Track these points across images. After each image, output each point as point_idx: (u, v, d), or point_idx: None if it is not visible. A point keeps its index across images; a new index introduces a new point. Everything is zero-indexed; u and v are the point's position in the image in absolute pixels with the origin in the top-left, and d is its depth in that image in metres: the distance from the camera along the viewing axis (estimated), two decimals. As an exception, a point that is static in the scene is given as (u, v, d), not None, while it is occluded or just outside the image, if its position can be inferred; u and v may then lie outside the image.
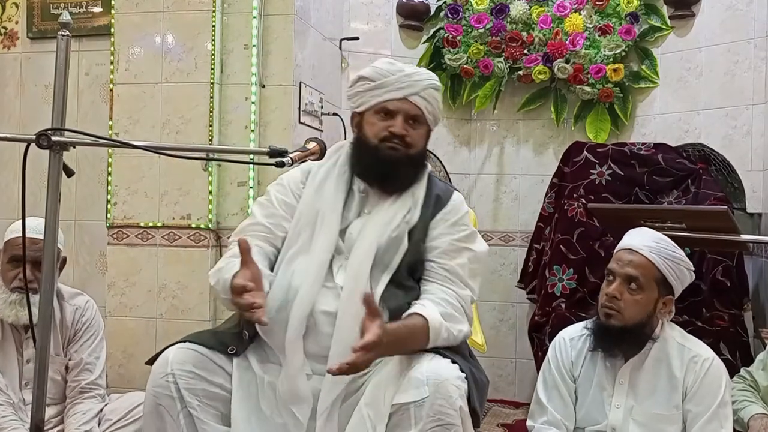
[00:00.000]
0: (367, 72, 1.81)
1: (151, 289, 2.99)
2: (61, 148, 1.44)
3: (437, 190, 1.84)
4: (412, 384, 1.55)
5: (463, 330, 1.70)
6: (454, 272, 1.74)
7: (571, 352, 2.05)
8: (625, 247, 2.00)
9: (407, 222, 1.76)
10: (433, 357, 1.61)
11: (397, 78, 1.76)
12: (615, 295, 1.93)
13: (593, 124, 3.68)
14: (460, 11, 3.73)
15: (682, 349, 1.97)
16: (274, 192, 1.86)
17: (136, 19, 3.02)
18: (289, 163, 1.53)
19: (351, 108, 1.87)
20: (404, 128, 1.76)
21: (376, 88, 1.77)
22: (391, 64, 1.80)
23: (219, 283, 1.69)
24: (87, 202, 3.31)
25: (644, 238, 1.99)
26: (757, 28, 3.25)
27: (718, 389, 1.91)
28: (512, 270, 3.73)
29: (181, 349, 1.67)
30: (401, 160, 1.77)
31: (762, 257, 3.16)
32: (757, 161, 3.21)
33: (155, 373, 1.65)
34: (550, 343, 2.13)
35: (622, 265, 1.95)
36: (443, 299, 1.69)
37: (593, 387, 2.00)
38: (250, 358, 1.71)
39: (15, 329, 2.32)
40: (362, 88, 1.80)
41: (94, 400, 2.34)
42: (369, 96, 1.78)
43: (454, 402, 1.52)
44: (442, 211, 1.80)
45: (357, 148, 1.83)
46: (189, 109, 2.97)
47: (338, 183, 1.80)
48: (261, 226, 1.81)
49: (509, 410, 3.60)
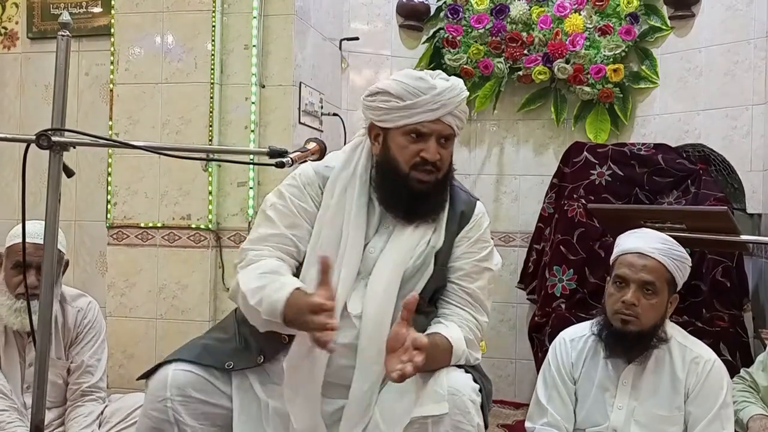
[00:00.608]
0: (393, 88, 1.63)
1: (151, 289, 2.99)
2: (61, 149, 1.44)
3: (460, 204, 1.74)
4: (431, 397, 1.54)
5: (478, 358, 1.70)
6: (475, 296, 1.72)
7: (571, 353, 2.04)
8: (632, 250, 1.96)
9: (433, 246, 1.68)
10: (450, 368, 1.60)
11: (430, 98, 1.61)
12: (633, 302, 1.90)
13: (593, 124, 3.68)
14: (460, 11, 3.73)
15: (683, 349, 1.97)
16: (290, 196, 1.71)
17: (136, 19, 3.02)
18: (289, 164, 1.52)
19: (368, 117, 1.71)
20: (437, 152, 1.64)
21: (406, 108, 1.61)
22: (420, 80, 1.63)
23: (263, 303, 1.54)
24: (87, 203, 3.31)
25: (651, 240, 1.97)
26: (757, 29, 3.25)
27: (720, 391, 1.91)
28: (512, 270, 3.73)
29: (179, 371, 1.61)
30: (431, 190, 1.66)
31: (762, 258, 3.16)
32: (757, 162, 3.21)
33: (153, 395, 1.61)
34: (551, 344, 2.13)
35: (635, 270, 1.92)
36: (465, 324, 1.68)
37: (595, 388, 1.99)
38: (250, 377, 1.66)
39: (18, 334, 2.31)
40: (387, 105, 1.63)
41: (95, 402, 2.35)
42: (397, 115, 1.63)
43: (472, 418, 1.53)
44: (465, 228, 1.73)
45: (382, 171, 1.68)
46: (189, 110, 2.97)
47: (360, 197, 1.68)
48: (285, 238, 1.68)
49: (509, 411, 3.60)
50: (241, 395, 1.64)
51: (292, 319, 1.50)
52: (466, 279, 1.71)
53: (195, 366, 1.62)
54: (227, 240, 3.01)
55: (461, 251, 1.72)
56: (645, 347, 1.95)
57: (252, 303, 1.56)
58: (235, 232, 3.00)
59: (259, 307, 1.54)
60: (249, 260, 1.65)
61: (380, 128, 1.68)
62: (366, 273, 1.65)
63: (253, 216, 2.98)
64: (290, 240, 1.68)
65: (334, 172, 1.71)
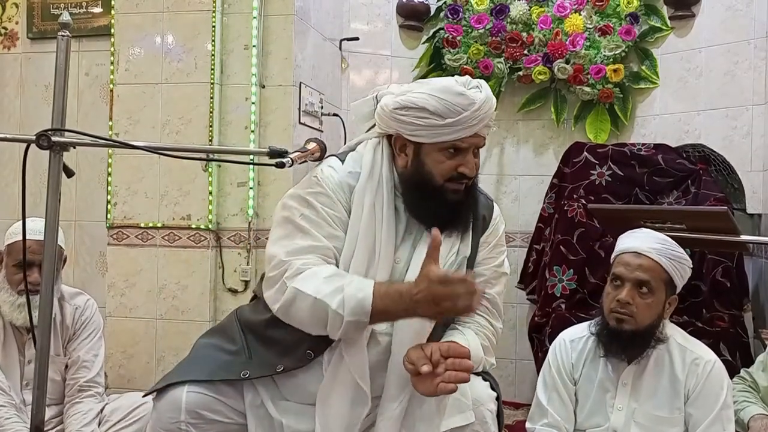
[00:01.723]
0: (431, 105, 1.55)
1: (151, 289, 2.99)
2: (61, 149, 1.44)
3: (482, 209, 1.73)
4: (457, 408, 1.53)
5: (493, 363, 1.70)
6: (493, 303, 1.71)
7: (571, 354, 2.04)
8: (629, 250, 1.97)
9: (464, 256, 1.66)
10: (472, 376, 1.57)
11: (470, 114, 1.55)
12: (628, 300, 1.91)
13: (593, 124, 3.68)
14: (460, 12, 3.73)
15: (683, 350, 1.97)
16: (321, 205, 1.61)
17: (136, 19, 3.03)
18: (288, 164, 1.52)
19: (395, 129, 1.62)
20: (474, 165, 1.62)
21: (446, 126, 1.55)
22: (461, 96, 1.55)
23: (345, 305, 1.46)
24: (87, 203, 3.31)
25: (648, 239, 1.97)
26: (757, 29, 3.25)
27: (720, 392, 1.91)
28: (512, 270, 3.69)
29: (192, 393, 1.56)
30: (463, 199, 1.63)
31: (762, 258, 3.15)
32: (757, 162, 3.21)
33: (166, 416, 1.56)
34: (551, 345, 2.13)
35: (631, 269, 1.93)
36: (482, 332, 1.68)
37: (595, 389, 1.99)
38: (262, 394, 1.63)
39: (17, 330, 2.32)
40: (423, 122, 1.56)
41: (93, 399, 2.34)
42: (434, 132, 1.56)
43: (489, 428, 1.54)
44: (486, 232, 1.73)
45: (413, 182, 1.61)
46: (189, 110, 2.97)
47: (388, 208, 1.61)
48: (327, 250, 1.59)
49: (509, 411, 3.60)
50: (254, 411, 1.62)
51: (382, 309, 1.45)
52: (486, 285, 1.70)
53: (208, 387, 1.58)
54: (227, 240, 3.01)
55: (481, 257, 1.72)
56: (642, 347, 1.95)
57: (334, 307, 1.46)
58: (235, 232, 3.00)
59: (342, 310, 1.46)
60: (298, 269, 1.54)
61: (411, 142, 1.61)
62: None
63: (253, 216, 2.98)
64: (332, 252, 1.60)
65: (361, 181, 1.63)
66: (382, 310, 1.46)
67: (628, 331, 1.92)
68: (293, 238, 1.59)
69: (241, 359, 1.63)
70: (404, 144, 1.62)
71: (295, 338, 1.59)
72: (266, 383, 1.64)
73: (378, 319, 1.48)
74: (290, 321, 1.56)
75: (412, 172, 1.61)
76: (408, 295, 1.43)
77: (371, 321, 1.47)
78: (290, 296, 1.52)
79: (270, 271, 1.59)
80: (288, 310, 1.54)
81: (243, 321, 1.72)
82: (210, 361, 1.64)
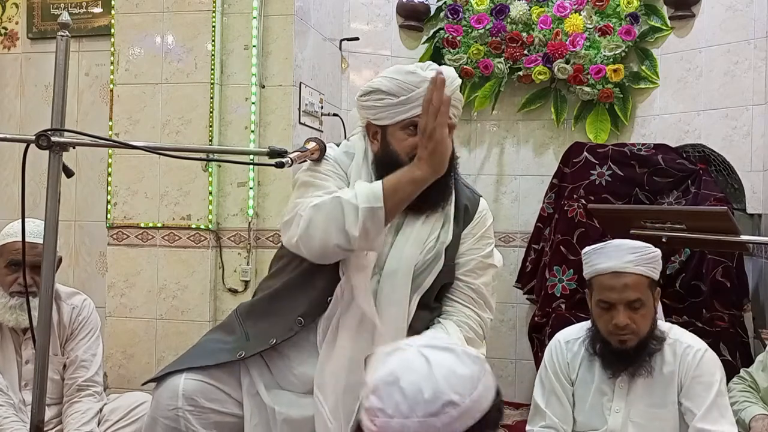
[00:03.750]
0: (384, 85, 1.64)
1: (151, 289, 2.99)
2: (61, 149, 1.44)
3: (464, 199, 1.76)
4: None
5: (483, 353, 1.70)
6: (479, 292, 1.72)
7: (567, 355, 2.03)
8: (605, 271, 1.90)
9: (443, 242, 1.67)
10: None
11: (423, 91, 1.58)
12: (626, 323, 1.88)
13: (593, 124, 3.68)
14: (460, 12, 3.73)
15: (674, 343, 1.96)
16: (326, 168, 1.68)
17: (136, 19, 3.03)
18: (288, 164, 1.52)
19: (364, 117, 1.72)
20: None
21: (401, 104, 1.62)
22: (411, 74, 1.64)
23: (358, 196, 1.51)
24: (87, 203, 3.31)
25: (620, 253, 1.91)
26: (757, 29, 3.25)
27: (712, 378, 1.89)
28: (512, 270, 3.73)
29: (190, 380, 1.60)
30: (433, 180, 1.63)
31: (762, 258, 3.15)
32: (757, 162, 3.21)
33: (164, 403, 1.60)
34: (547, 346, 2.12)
35: (618, 292, 1.88)
36: (465, 323, 1.68)
37: (592, 392, 1.98)
38: (257, 381, 1.66)
39: (14, 331, 2.32)
40: (381, 103, 1.65)
41: (92, 398, 2.34)
42: (392, 112, 1.64)
43: None
44: (470, 224, 1.74)
45: (384, 166, 1.65)
46: (189, 110, 2.97)
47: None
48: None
49: (509, 411, 3.60)
50: (251, 400, 1.64)
51: (391, 188, 1.50)
52: (471, 275, 1.72)
53: (206, 374, 1.62)
54: (227, 240, 3.01)
55: (466, 247, 1.73)
56: (647, 353, 1.92)
57: (347, 198, 1.52)
58: (235, 232, 3.00)
59: (356, 200, 1.52)
60: (311, 202, 1.59)
61: (377, 126, 1.69)
62: (379, 268, 1.65)
63: (253, 216, 2.98)
64: None
65: (356, 161, 1.71)
66: (391, 190, 1.51)
67: (633, 346, 1.90)
68: (305, 194, 1.65)
69: (239, 343, 1.67)
70: (375, 131, 1.70)
71: (288, 307, 1.64)
72: (261, 370, 1.67)
73: (391, 200, 1.51)
74: (310, 242, 1.57)
75: (382, 154, 1.68)
76: (408, 168, 1.51)
77: (385, 204, 1.50)
78: (307, 216, 1.56)
79: (285, 216, 1.65)
80: (307, 230, 1.56)
81: (242, 311, 1.76)
82: (209, 350, 1.68)
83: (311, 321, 1.64)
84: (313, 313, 1.64)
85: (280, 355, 1.67)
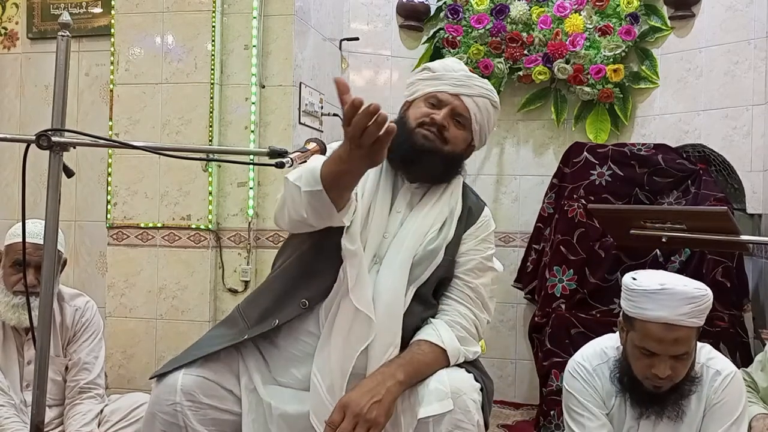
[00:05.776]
0: (433, 64, 1.80)
1: (151, 289, 2.99)
2: (61, 149, 1.43)
3: (470, 202, 1.79)
4: (435, 395, 1.53)
5: (477, 351, 1.70)
6: (477, 292, 1.72)
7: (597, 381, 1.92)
8: (657, 320, 1.74)
9: (444, 237, 1.69)
10: (451, 368, 1.60)
11: (458, 76, 1.73)
12: (668, 373, 1.77)
13: (593, 124, 3.68)
14: (460, 12, 3.73)
15: (701, 368, 1.89)
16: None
17: (136, 19, 3.03)
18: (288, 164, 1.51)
19: (406, 98, 1.81)
20: (446, 120, 1.69)
21: (435, 78, 1.74)
22: (458, 63, 1.79)
23: (302, 178, 1.52)
24: (87, 203, 3.31)
25: (676, 303, 1.74)
26: (757, 29, 3.25)
27: (738, 404, 1.86)
28: (512, 271, 3.73)
29: (189, 375, 1.61)
30: (431, 150, 1.68)
31: (762, 258, 3.15)
32: (757, 162, 3.21)
33: (161, 398, 1.60)
34: (565, 374, 1.99)
35: (666, 345, 1.74)
36: (458, 323, 1.68)
37: (625, 427, 1.91)
38: (254, 377, 1.66)
39: (16, 331, 2.32)
40: (422, 76, 1.78)
41: (93, 400, 2.34)
42: (425, 84, 1.75)
43: (472, 416, 1.52)
44: (473, 226, 1.76)
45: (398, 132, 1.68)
46: (189, 110, 2.97)
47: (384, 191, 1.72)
48: None
49: (509, 411, 3.60)
50: (248, 396, 1.65)
51: (329, 172, 1.47)
52: (470, 274, 1.72)
53: (204, 370, 1.62)
54: (227, 240, 3.01)
55: (467, 248, 1.74)
56: (680, 395, 1.84)
57: (292, 179, 1.54)
58: (235, 232, 3.01)
59: (299, 182, 1.52)
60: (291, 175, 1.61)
61: (409, 102, 1.78)
62: (379, 258, 1.66)
63: (253, 216, 2.98)
64: None
65: None
66: (329, 174, 1.48)
67: (667, 390, 1.82)
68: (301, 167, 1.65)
69: (241, 330, 1.68)
70: (406, 107, 1.79)
71: (292, 290, 1.65)
72: (259, 365, 1.67)
73: (331, 184, 1.49)
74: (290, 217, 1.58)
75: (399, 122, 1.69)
76: (340, 150, 1.46)
77: (325, 186, 1.48)
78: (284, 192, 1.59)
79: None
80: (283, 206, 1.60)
81: (243, 304, 1.77)
82: (209, 342, 1.69)
83: (315, 304, 1.65)
84: (317, 296, 1.65)
85: (278, 350, 1.68)
